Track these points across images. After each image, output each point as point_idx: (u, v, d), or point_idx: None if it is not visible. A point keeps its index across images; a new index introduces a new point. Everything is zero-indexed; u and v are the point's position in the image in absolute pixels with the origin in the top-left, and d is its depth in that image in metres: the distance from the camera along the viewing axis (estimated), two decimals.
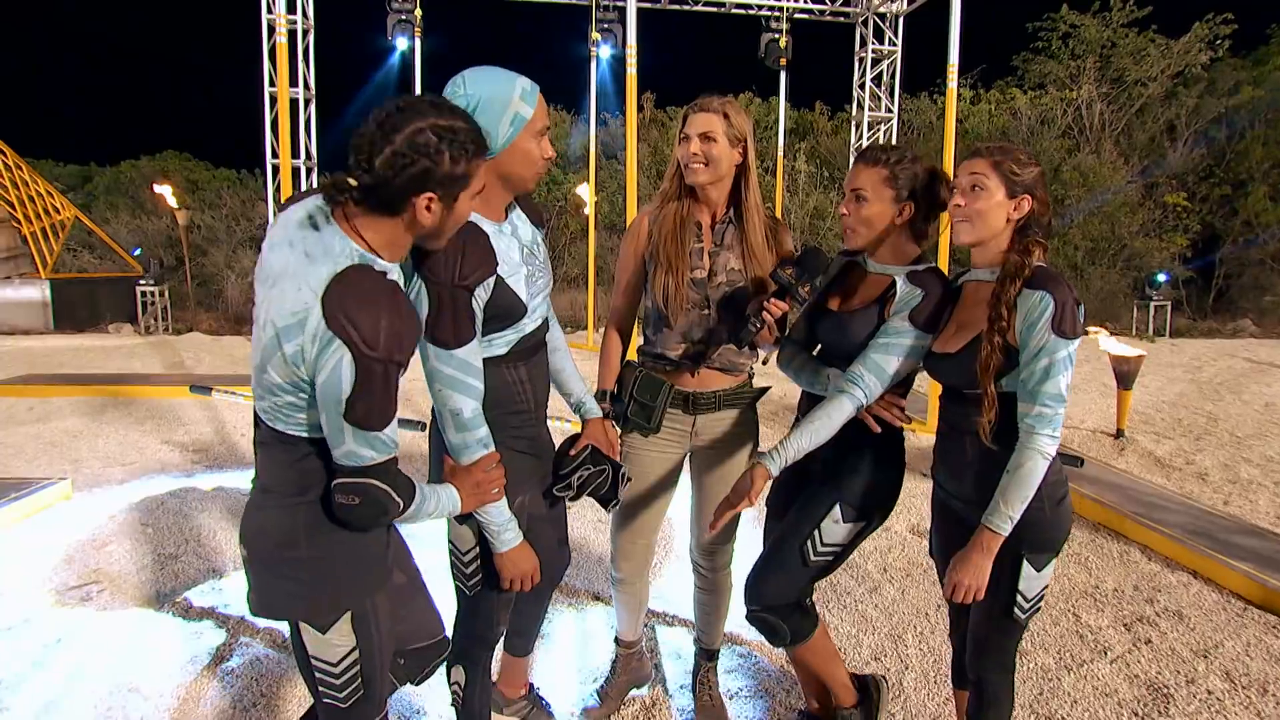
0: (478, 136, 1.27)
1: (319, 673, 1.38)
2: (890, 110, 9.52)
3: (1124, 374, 5.40)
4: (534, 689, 2.19)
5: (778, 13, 8.97)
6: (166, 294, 11.88)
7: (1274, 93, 14.00)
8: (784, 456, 1.69)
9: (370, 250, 1.25)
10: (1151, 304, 11.92)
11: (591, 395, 1.93)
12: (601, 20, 8.66)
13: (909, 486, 1.95)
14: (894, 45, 9.24)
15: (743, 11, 9.21)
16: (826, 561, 1.85)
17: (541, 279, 1.64)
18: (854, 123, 9.80)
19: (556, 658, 2.59)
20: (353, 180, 1.22)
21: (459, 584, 1.71)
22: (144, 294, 11.66)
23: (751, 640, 2.70)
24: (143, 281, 11.71)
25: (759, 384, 2.13)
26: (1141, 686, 2.47)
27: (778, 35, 8.94)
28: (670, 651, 2.63)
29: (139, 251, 13.49)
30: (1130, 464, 4.98)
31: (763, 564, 1.90)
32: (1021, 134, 14.57)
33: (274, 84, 6.95)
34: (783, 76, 9.13)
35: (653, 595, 2.91)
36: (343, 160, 1.29)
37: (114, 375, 7.44)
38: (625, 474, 1.85)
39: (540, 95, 1.51)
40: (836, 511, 1.81)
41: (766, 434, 5.08)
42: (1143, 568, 3.37)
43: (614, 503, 1.84)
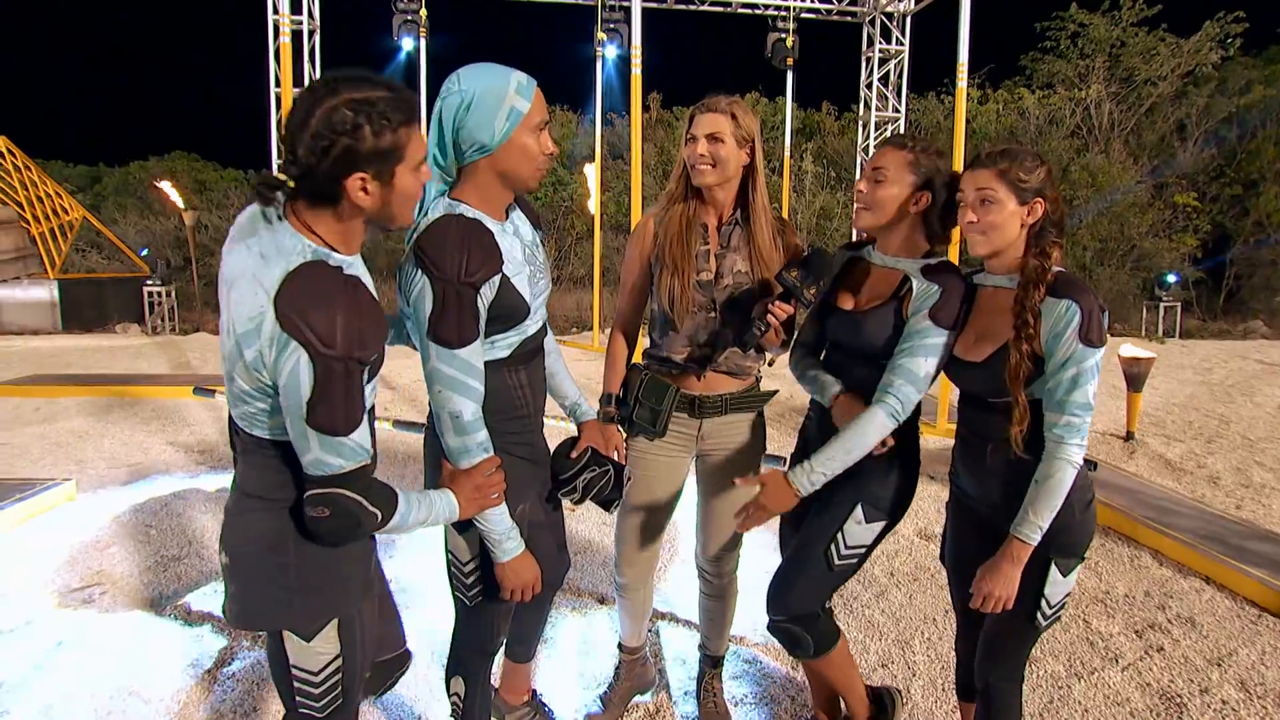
0: (401, 103, 1.17)
1: (298, 682, 1.33)
2: (898, 110, 9.47)
3: (1134, 376, 5.35)
4: (536, 695, 2.17)
5: (784, 12, 8.93)
6: (173, 294, 11.92)
7: None
8: (817, 477, 1.67)
9: (324, 244, 1.20)
10: (1161, 305, 11.83)
11: (584, 398, 1.91)
12: (607, 20, 8.64)
13: (917, 490, 1.91)
14: (901, 45, 9.19)
15: (749, 11, 9.18)
16: (851, 565, 1.81)
17: (542, 280, 1.61)
18: (861, 123, 9.75)
19: (559, 663, 2.57)
20: (282, 175, 1.17)
21: (458, 594, 1.68)
22: (151, 294, 11.70)
23: (757, 646, 2.67)
24: (150, 282, 11.75)
25: (766, 387, 2.10)
26: (1154, 695, 2.42)
27: (784, 35, 8.90)
28: (674, 657, 2.60)
29: (146, 252, 13.55)
30: (1141, 467, 4.92)
31: (785, 572, 1.86)
32: (1029, 134, 14.49)
33: (280, 84, 6.94)
34: (789, 76, 9.09)
35: (657, 599, 2.88)
36: None
37: (120, 376, 7.46)
38: (626, 474, 1.82)
39: (538, 90, 1.46)
40: (859, 512, 1.78)
41: (774, 436, 5.06)
42: (1154, 573, 3.32)
43: (616, 504, 1.82)
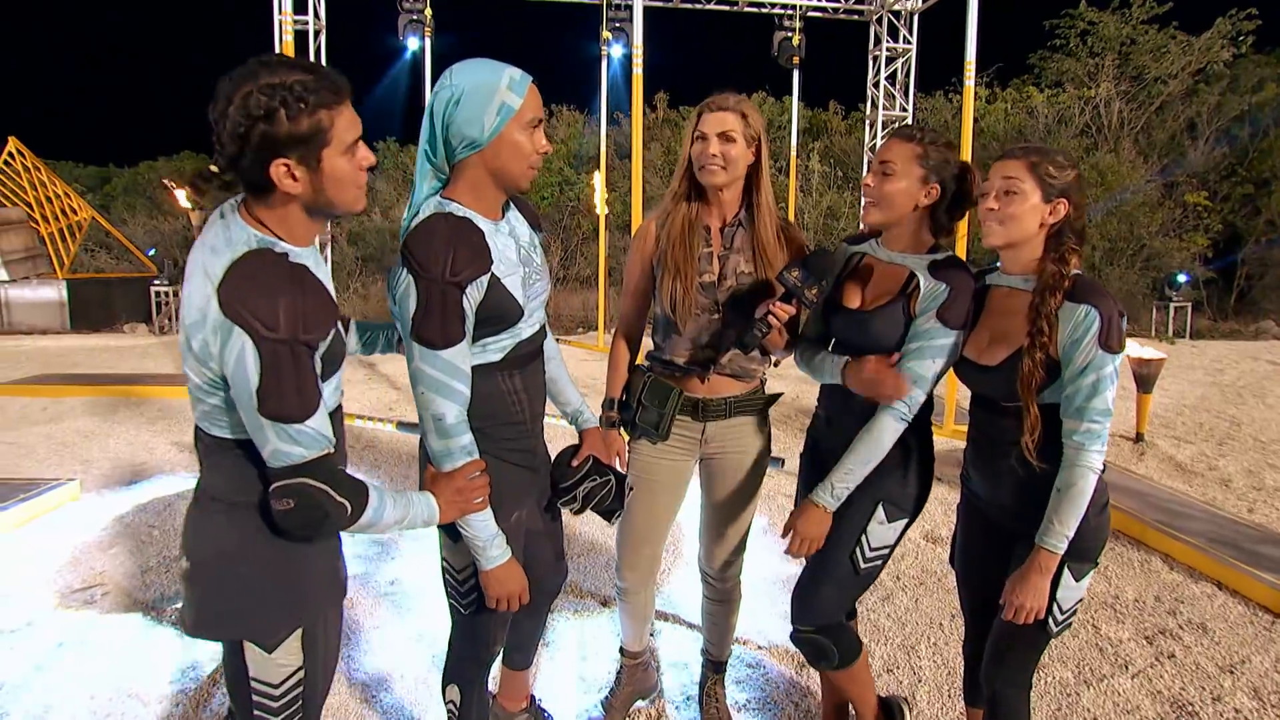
0: (322, 85, 1.14)
1: (257, 695, 1.27)
2: (905, 109, 9.41)
3: (1144, 377, 5.29)
4: (536, 701, 2.14)
5: (790, 11, 8.88)
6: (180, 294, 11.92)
7: None
8: (840, 490, 1.71)
9: (272, 235, 1.19)
10: (1171, 305, 11.72)
11: (586, 405, 1.88)
12: (613, 19, 8.61)
13: None
14: (908, 43, 9.14)
15: (755, 10, 9.13)
16: (876, 567, 1.79)
17: (539, 283, 1.57)
18: (868, 122, 9.70)
19: (560, 667, 2.55)
20: (214, 167, 1.16)
21: (453, 603, 1.65)
22: (158, 294, 11.73)
23: (761, 649, 2.64)
24: (157, 282, 11.78)
25: (772, 389, 2.07)
26: (1165, 703, 2.38)
27: (791, 34, 8.85)
28: (677, 661, 2.57)
29: (153, 252, 13.59)
30: (1150, 469, 4.87)
31: (810, 579, 1.82)
32: (1038, 133, 14.39)
33: None
34: (795, 75, 9.05)
35: (660, 602, 2.86)
36: None
37: (126, 375, 7.47)
38: (628, 484, 1.79)
39: (532, 86, 1.42)
40: (880, 513, 1.76)
41: (780, 438, 5.02)
42: (1164, 578, 3.27)
43: (617, 514, 1.79)
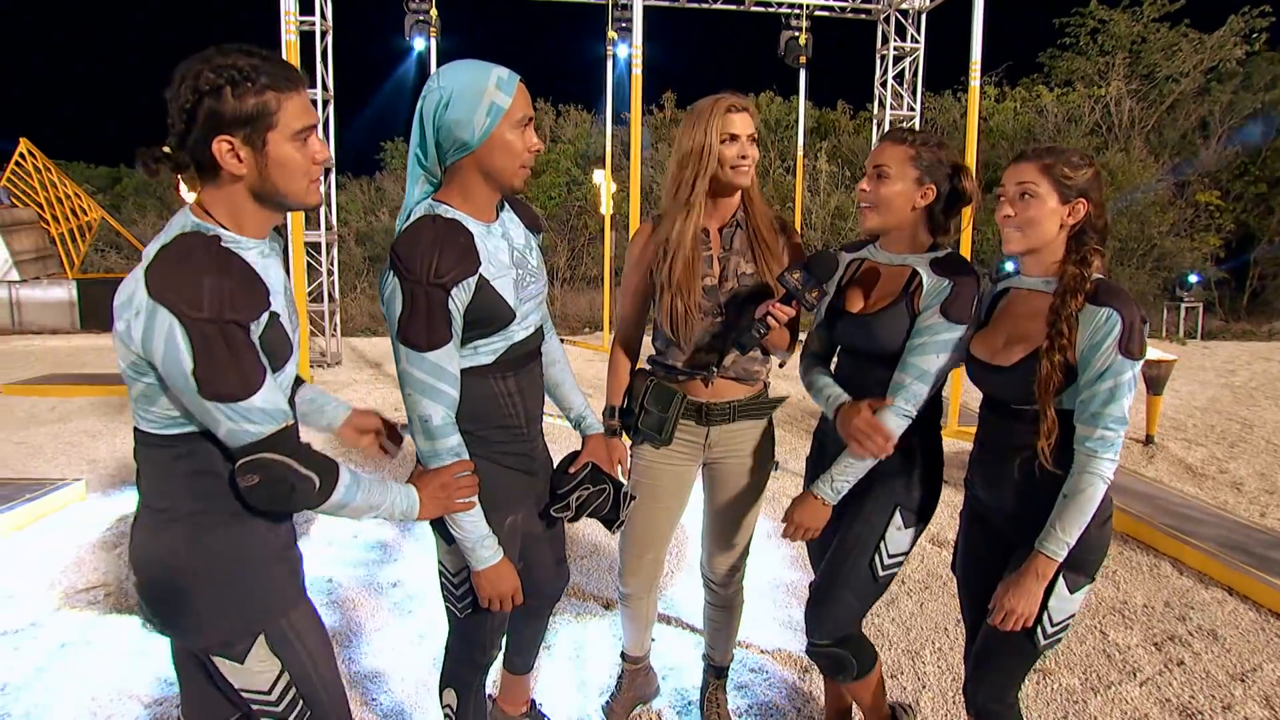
0: (274, 70, 1.14)
1: (255, 705, 1.26)
2: (913, 108, 9.36)
3: (1154, 379, 5.23)
4: (536, 705, 2.13)
5: (797, 10, 8.84)
6: None
7: None
8: (840, 485, 1.71)
9: (215, 223, 1.18)
10: (1182, 305, 11.61)
11: (590, 410, 1.85)
12: (619, 19, 8.59)
13: None
14: (916, 42, 9.08)
15: (762, 9, 9.09)
16: (892, 574, 1.78)
17: (534, 285, 1.55)
18: (875, 121, 9.65)
19: (561, 670, 2.53)
20: (166, 148, 1.16)
21: (450, 606, 1.64)
22: None
23: (764, 653, 2.62)
24: None
25: (777, 392, 2.05)
26: (1173, 712, 2.35)
27: (797, 33, 8.80)
28: (679, 666, 2.56)
29: None
30: (1160, 472, 4.81)
31: (826, 590, 1.78)
32: (1048, 132, 14.29)
33: None
34: (802, 75, 9.01)
35: (662, 606, 2.84)
36: (357, 162, 1.22)
37: None
38: (628, 493, 1.77)
39: (521, 85, 1.41)
40: (898, 518, 1.75)
41: (786, 439, 4.99)
42: (1174, 583, 3.23)
43: (617, 523, 1.76)
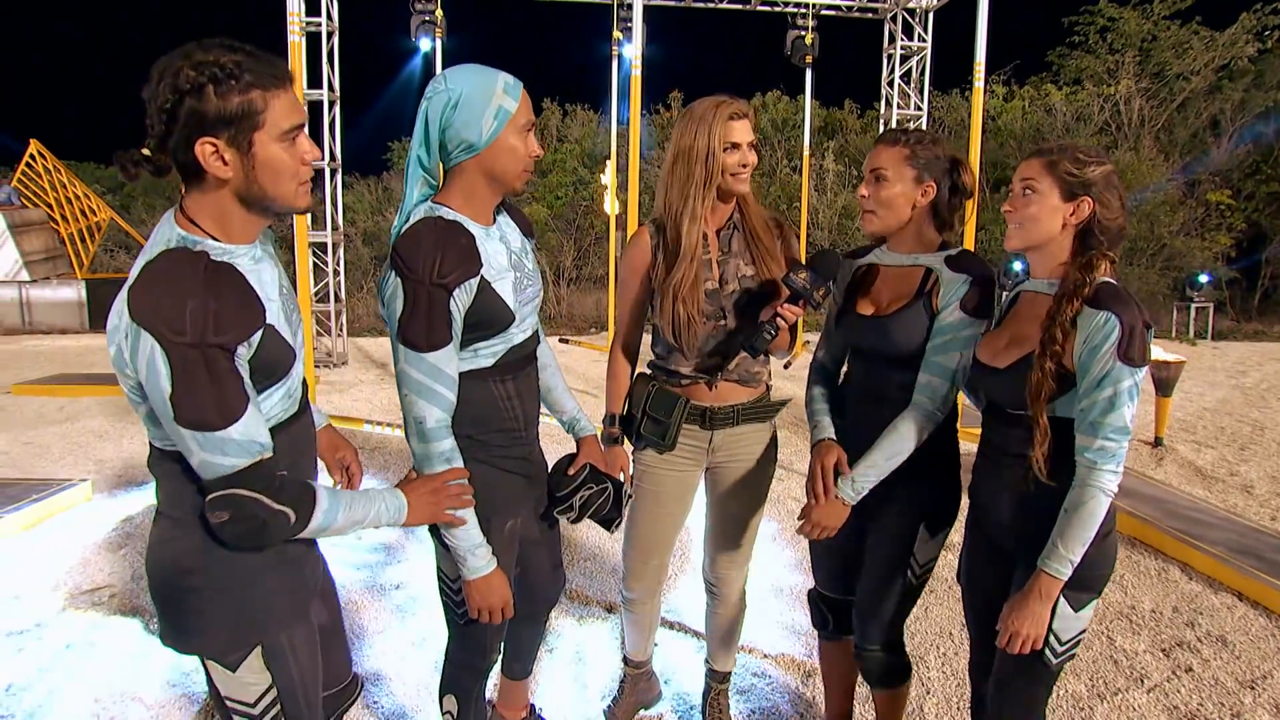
0: (258, 66, 1.08)
1: (236, 715, 1.24)
2: (920, 108, 9.31)
3: (1163, 380, 5.18)
4: (535, 711, 2.12)
5: (803, 9, 8.81)
6: None
7: None
8: (861, 485, 1.67)
9: (202, 234, 1.12)
10: (1193, 305, 11.53)
11: (583, 413, 1.85)
12: (624, 19, 8.57)
13: None
14: (923, 41, 9.03)
15: (768, 9, 9.06)
16: (927, 578, 1.80)
17: (531, 288, 1.55)
18: (882, 121, 9.61)
19: (563, 674, 2.52)
20: (146, 150, 1.10)
21: (450, 613, 1.63)
22: None
23: (766, 658, 2.61)
24: None
25: (785, 394, 2.03)
26: (1182, 719, 2.32)
27: (804, 32, 8.77)
28: (681, 670, 2.54)
29: None
30: (1169, 474, 4.77)
31: (873, 598, 1.80)
32: (1056, 131, 14.20)
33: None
34: (809, 74, 8.97)
35: (665, 609, 2.83)
36: (363, 161, 1.19)
37: None
38: (627, 492, 1.77)
39: (524, 91, 1.43)
40: (923, 531, 1.75)
41: (792, 441, 4.96)
42: (1183, 588, 3.20)
43: (616, 522, 1.76)
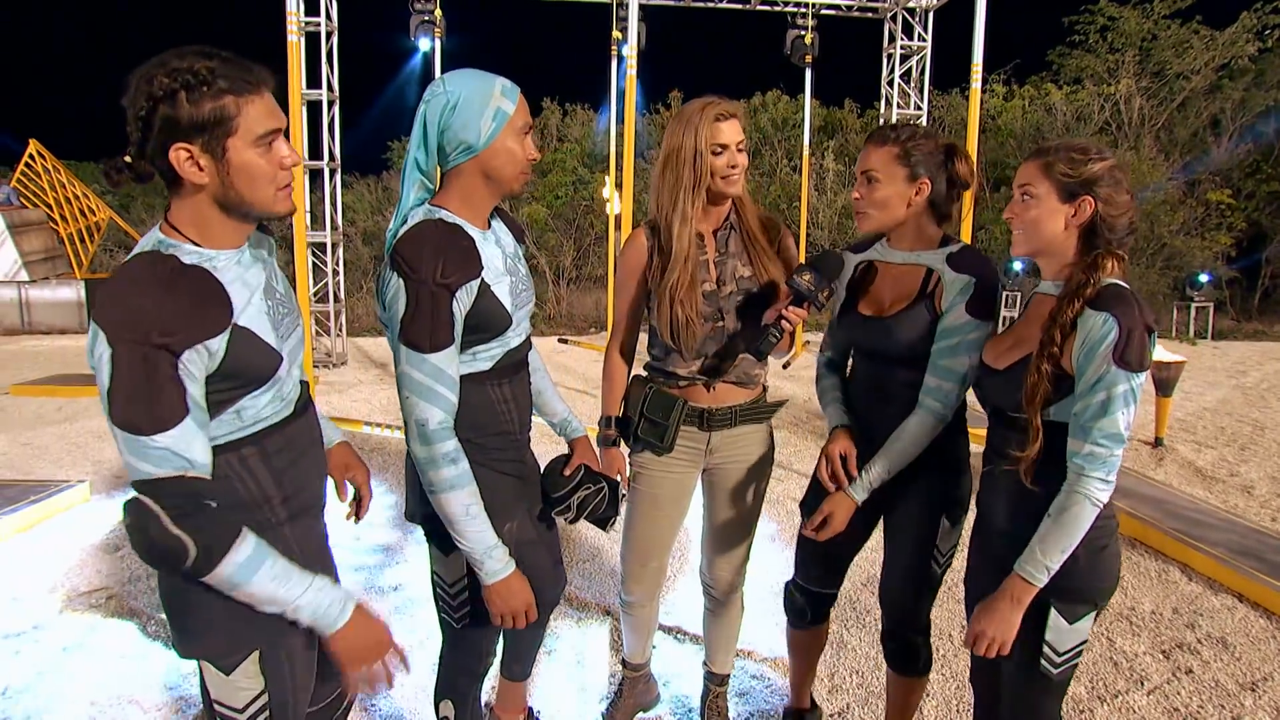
0: (232, 71, 1.08)
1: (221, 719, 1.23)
2: (920, 107, 9.30)
3: (1163, 381, 5.17)
4: (533, 713, 2.11)
5: (803, 8, 8.80)
6: None
7: None
8: (870, 482, 1.69)
9: (183, 239, 1.13)
10: (1193, 305, 11.52)
11: (573, 415, 1.86)
12: (623, 19, 8.56)
13: None
14: (923, 41, 9.02)
15: (767, 8, 9.05)
16: (948, 567, 1.83)
17: (525, 292, 1.56)
18: (882, 120, 9.61)
19: (561, 676, 2.52)
20: (127, 157, 1.11)
21: (445, 616, 1.63)
22: None
23: (763, 663, 2.60)
24: None
25: (784, 393, 2.03)
26: None
27: (804, 32, 8.76)
28: (680, 672, 2.54)
29: None
30: (1169, 475, 4.76)
31: (902, 586, 1.84)
32: (1056, 130, 14.19)
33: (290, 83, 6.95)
34: (808, 74, 8.96)
35: (664, 612, 2.82)
36: (363, 161, 1.17)
37: None
38: (623, 491, 1.76)
39: (521, 95, 1.45)
40: (944, 523, 1.77)
41: (792, 441, 4.96)
42: (1183, 589, 3.19)
43: (611, 521, 1.76)
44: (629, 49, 5.20)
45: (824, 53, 9.00)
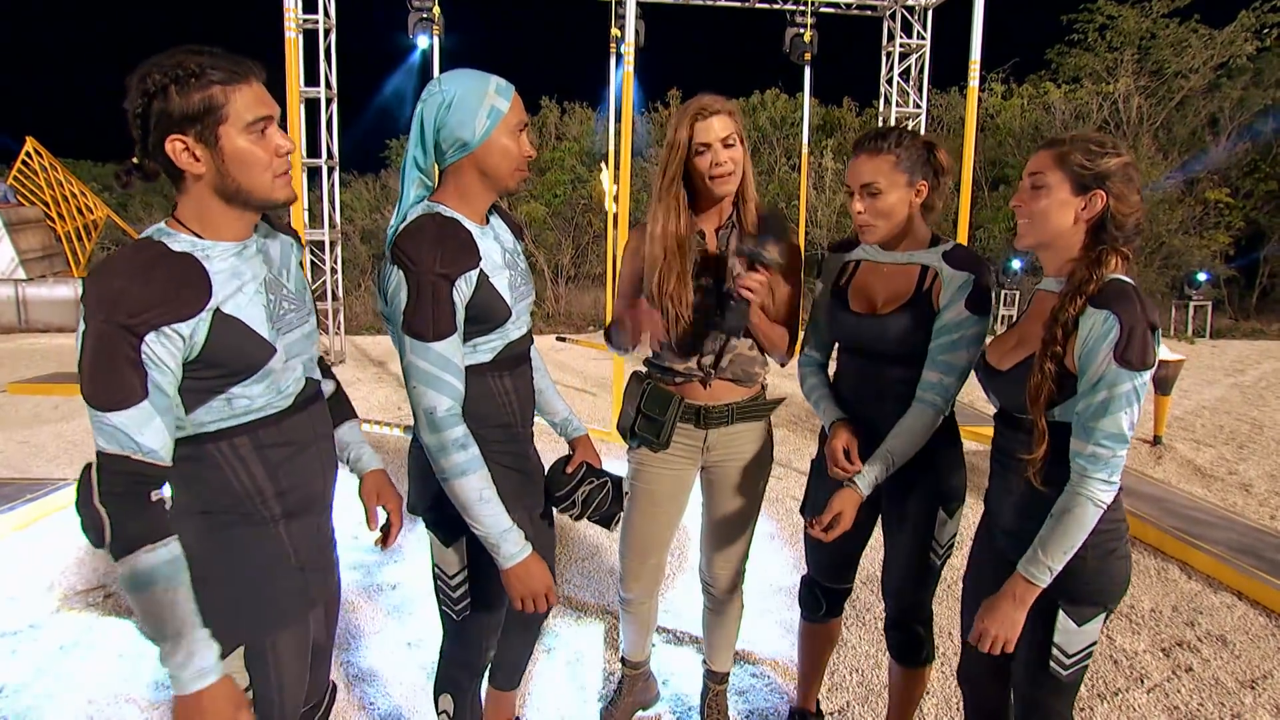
0: (220, 63, 1.11)
1: None
2: (919, 105, 9.30)
3: (1162, 379, 5.17)
4: None
5: (802, 7, 8.79)
6: None
7: None
8: (873, 477, 1.69)
9: (184, 230, 1.16)
10: (1191, 304, 11.54)
11: (574, 414, 1.86)
12: (622, 17, 8.55)
13: None
14: (923, 39, 9.02)
15: (767, 6, 9.05)
16: (948, 558, 1.85)
17: (524, 286, 1.57)
18: (881, 119, 9.60)
19: (560, 675, 2.51)
20: (135, 159, 1.15)
21: (445, 609, 1.62)
22: None
23: (765, 661, 2.59)
24: None
25: (783, 391, 2.03)
26: (1182, 719, 2.31)
27: (802, 30, 8.75)
28: (679, 671, 2.53)
29: None
30: (1168, 473, 4.77)
31: (903, 577, 1.86)
32: (1055, 129, 14.20)
33: (289, 81, 6.93)
34: (807, 72, 8.96)
35: (663, 610, 2.82)
36: (361, 159, 1.19)
37: None
38: (626, 486, 1.76)
39: (516, 94, 1.47)
40: (941, 514, 1.78)
41: (790, 439, 4.95)
42: (1182, 587, 3.19)
43: (616, 518, 1.76)
44: (626, 45, 5.17)
45: (823, 51, 8.99)
